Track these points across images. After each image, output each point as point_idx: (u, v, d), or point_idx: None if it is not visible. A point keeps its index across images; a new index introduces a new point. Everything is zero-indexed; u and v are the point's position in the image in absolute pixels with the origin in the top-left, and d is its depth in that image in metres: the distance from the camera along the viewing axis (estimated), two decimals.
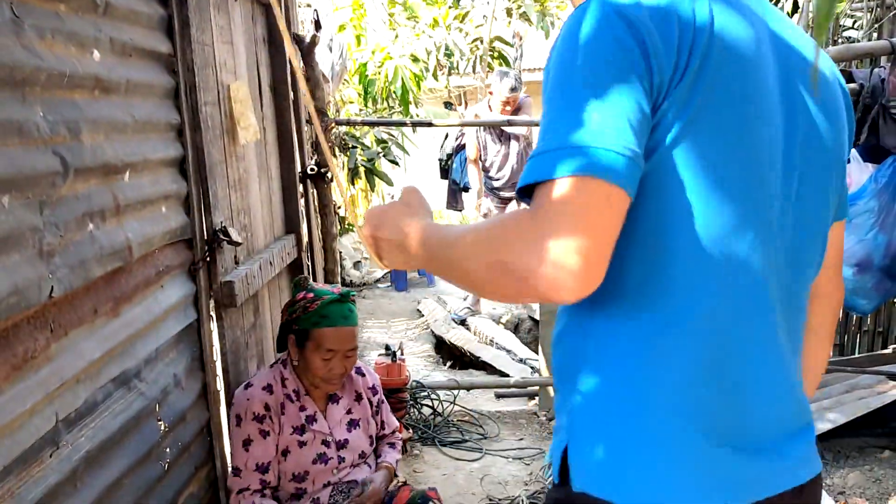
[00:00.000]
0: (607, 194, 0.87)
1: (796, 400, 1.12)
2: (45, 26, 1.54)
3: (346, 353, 2.33)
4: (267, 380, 2.36)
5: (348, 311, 2.35)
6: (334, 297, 2.34)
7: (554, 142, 0.90)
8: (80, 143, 1.63)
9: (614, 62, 0.91)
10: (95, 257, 1.66)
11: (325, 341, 2.29)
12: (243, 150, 2.60)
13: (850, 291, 2.97)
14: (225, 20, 2.49)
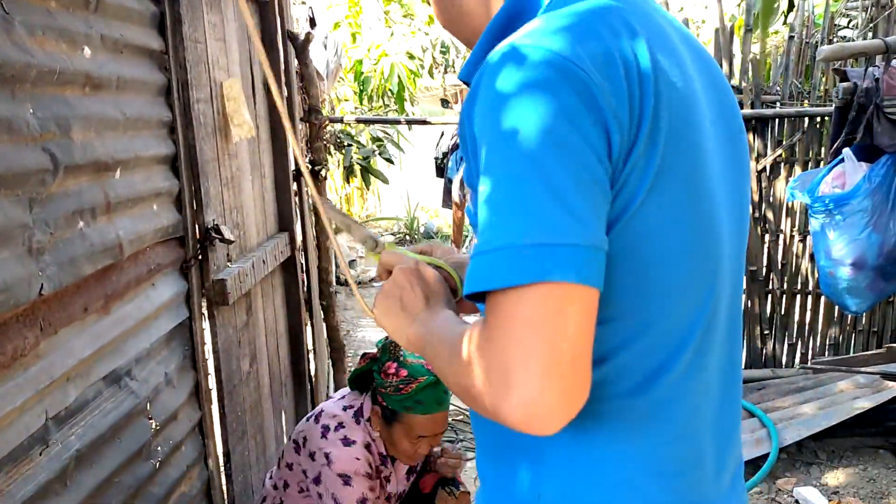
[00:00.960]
0: (570, 297, 0.73)
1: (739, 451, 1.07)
2: (35, 23, 1.53)
3: (435, 437, 2.23)
4: (365, 438, 2.24)
5: (443, 393, 2.18)
6: (431, 379, 2.15)
7: (498, 238, 0.76)
8: (70, 141, 1.62)
9: (563, 132, 0.76)
10: (86, 255, 1.65)
11: (418, 428, 2.16)
12: (236, 147, 2.59)
13: (843, 291, 2.98)
14: (217, 17, 2.48)
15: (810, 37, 3.78)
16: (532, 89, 0.76)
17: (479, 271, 0.76)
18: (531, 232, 0.73)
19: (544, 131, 0.75)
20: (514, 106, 0.76)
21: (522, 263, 0.73)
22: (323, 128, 3.51)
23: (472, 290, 0.78)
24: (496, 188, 0.76)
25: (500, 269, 0.74)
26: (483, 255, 0.76)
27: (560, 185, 0.74)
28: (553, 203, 0.74)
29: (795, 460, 3.49)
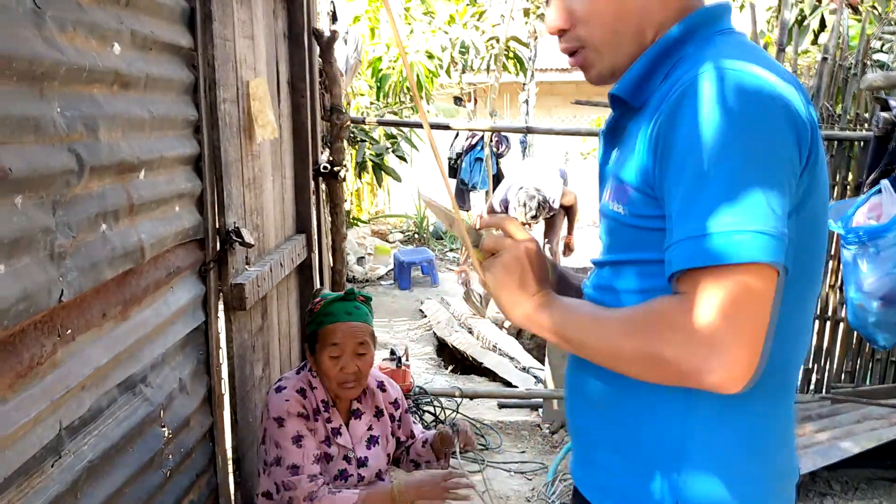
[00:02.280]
0: (769, 278, 0.90)
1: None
2: (66, 18, 1.48)
3: (355, 351, 2.27)
4: (300, 384, 2.31)
5: (353, 307, 2.32)
6: (338, 295, 2.32)
7: (709, 225, 0.90)
8: (96, 141, 1.57)
9: (776, 151, 0.93)
10: (107, 259, 1.60)
11: (330, 337, 2.26)
12: (259, 147, 2.54)
13: (872, 325, 2.91)
14: (247, 14, 2.42)
15: (844, 59, 3.72)
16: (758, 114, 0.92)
17: (697, 249, 0.90)
18: (749, 220, 0.89)
19: (767, 147, 0.92)
20: (742, 123, 0.91)
21: (740, 244, 0.88)
22: (344, 127, 3.46)
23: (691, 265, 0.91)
24: (714, 184, 0.91)
25: (720, 248, 0.89)
26: (698, 238, 0.90)
27: (774, 188, 0.91)
28: (768, 201, 0.90)
29: (809, 490, 3.43)
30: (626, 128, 1.14)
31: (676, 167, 0.95)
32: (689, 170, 0.93)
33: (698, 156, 0.92)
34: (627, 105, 1.11)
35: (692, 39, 1.07)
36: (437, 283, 7.07)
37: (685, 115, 0.94)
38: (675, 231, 0.94)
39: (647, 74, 1.08)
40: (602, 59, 1.14)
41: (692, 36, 1.07)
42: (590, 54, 1.14)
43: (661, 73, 1.07)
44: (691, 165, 0.93)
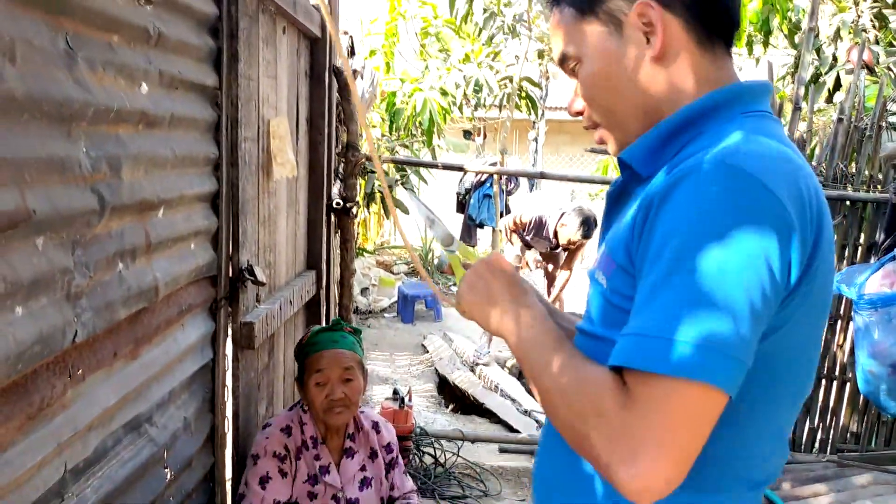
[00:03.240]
0: (715, 402, 0.85)
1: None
2: (97, 58, 1.49)
3: (341, 377, 2.27)
4: (286, 421, 2.30)
5: (339, 336, 2.34)
6: (324, 326, 2.36)
7: (668, 329, 0.85)
8: (119, 180, 1.57)
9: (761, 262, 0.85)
10: (122, 299, 1.59)
11: (315, 364, 2.27)
12: (275, 185, 2.54)
13: (883, 392, 2.88)
14: (272, 54, 2.44)
15: (859, 120, 3.73)
16: (746, 215, 0.85)
17: (638, 351, 0.86)
18: (711, 336, 0.82)
19: (747, 256, 0.84)
20: (724, 221, 0.85)
21: (695, 360, 0.82)
22: (358, 164, 3.46)
23: (628, 365, 0.87)
24: (683, 284, 0.85)
25: (662, 356, 0.83)
26: (646, 338, 0.86)
27: (744, 305, 0.84)
28: (734, 319, 0.83)
29: None
30: (630, 194, 1.11)
31: (653, 254, 0.89)
32: (664, 261, 0.87)
33: (678, 250, 0.86)
34: (634, 172, 1.08)
35: (716, 116, 1.01)
36: (440, 318, 7.05)
37: (676, 204, 0.89)
38: (633, 321, 0.89)
39: (660, 145, 1.04)
40: (613, 137, 1.13)
41: (717, 112, 1.01)
42: (602, 132, 1.15)
43: (675, 146, 1.03)
44: (667, 257, 0.87)
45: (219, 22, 2.06)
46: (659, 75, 1.04)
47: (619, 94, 1.07)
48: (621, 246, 0.99)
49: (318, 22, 2.92)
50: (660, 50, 1.03)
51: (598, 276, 1.06)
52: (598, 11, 1.06)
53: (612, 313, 1.01)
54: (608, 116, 1.11)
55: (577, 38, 1.09)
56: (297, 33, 2.77)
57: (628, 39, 1.05)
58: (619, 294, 1.00)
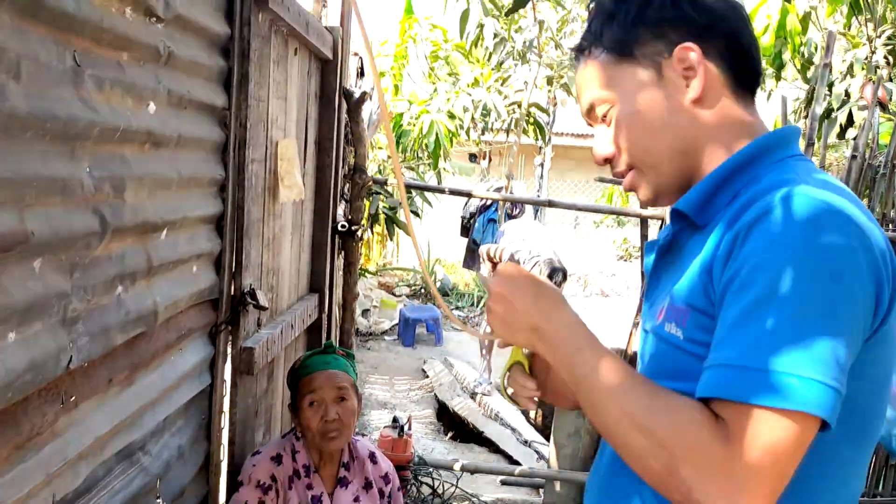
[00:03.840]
0: (813, 432, 0.85)
1: None
2: (105, 76, 1.45)
3: (335, 398, 2.21)
4: (277, 449, 2.23)
5: (331, 358, 2.30)
6: (316, 350, 2.33)
7: (762, 358, 0.84)
8: (122, 202, 1.53)
9: (853, 296, 0.87)
10: (119, 324, 1.55)
11: (308, 386, 2.22)
12: (281, 207, 2.50)
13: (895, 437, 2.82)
14: (282, 75, 2.41)
15: (873, 158, 3.70)
16: (839, 246, 0.86)
17: (737, 383, 0.85)
18: (808, 365, 0.83)
19: (841, 286, 0.85)
20: (818, 251, 0.86)
21: (795, 390, 0.82)
22: (365, 187, 3.43)
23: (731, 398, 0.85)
24: (775, 313, 0.85)
25: (772, 387, 0.83)
26: (749, 370, 0.85)
27: (841, 336, 0.85)
28: (829, 348, 0.84)
29: None
30: (683, 246, 1.10)
31: (739, 284, 0.89)
32: (754, 290, 0.87)
33: (768, 279, 0.86)
34: (689, 221, 1.07)
35: (764, 161, 1.03)
36: (440, 343, 6.98)
37: (764, 235, 0.89)
38: (719, 351, 0.88)
39: (714, 193, 1.04)
40: (646, 182, 1.12)
41: (764, 158, 1.04)
42: (635, 177, 1.13)
43: (729, 192, 1.03)
44: (757, 286, 0.86)
45: (230, 42, 2.03)
46: (697, 118, 1.06)
47: (657, 135, 1.07)
48: (697, 290, 0.97)
49: (329, 44, 2.90)
50: (700, 93, 1.04)
51: (669, 329, 1.02)
52: (636, 54, 1.07)
53: (688, 364, 0.97)
54: (643, 158, 1.10)
55: (613, 82, 1.09)
56: (309, 55, 2.75)
57: (668, 82, 1.06)
58: (699, 343, 0.96)
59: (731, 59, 1.06)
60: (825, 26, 4.39)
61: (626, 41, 1.07)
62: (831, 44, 3.26)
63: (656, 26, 1.06)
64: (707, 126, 1.06)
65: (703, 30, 1.05)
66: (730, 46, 1.05)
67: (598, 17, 1.12)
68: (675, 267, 1.09)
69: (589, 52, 1.12)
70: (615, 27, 1.08)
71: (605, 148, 1.13)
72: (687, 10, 1.05)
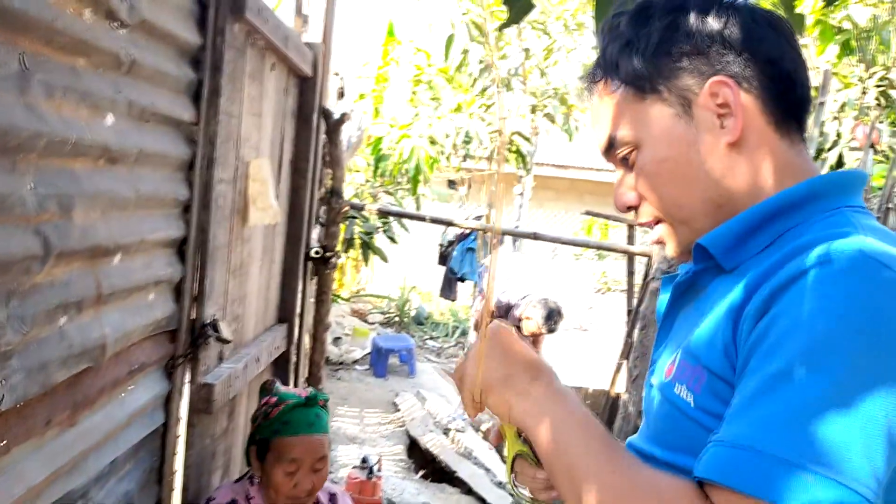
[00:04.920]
0: None
1: None
2: (56, 83, 1.31)
3: (313, 466, 2.03)
4: (232, 495, 2.05)
5: (315, 416, 2.07)
6: (299, 400, 2.06)
7: (780, 444, 0.69)
8: (69, 222, 1.37)
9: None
10: (61, 359, 1.38)
11: (287, 451, 1.99)
12: (250, 231, 2.34)
13: None
14: (257, 90, 2.26)
15: (867, 201, 3.63)
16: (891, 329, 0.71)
17: (752, 469, 0.70)
18: (837, 463, 0.67)
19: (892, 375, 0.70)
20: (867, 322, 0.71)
21: (816, 493, 0.67)
22: (342, 212, 3.28)
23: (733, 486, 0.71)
24: (803, 390, 0.70)
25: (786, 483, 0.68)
26: (760, 455, 0.70)
27: (881, 429, 0.69)
28: (866, 445, 0.68)
29: None
30: (704, 288, 0.94)
31: (766, 350, 0.74)
32: (780, 360, 0.72)
33: (803, 349, 0.71)
34: (715, 262, 0.91)
35: (814, 208, 0.87)
36: (413, 374, 6.78)
37: (797, 298, 0.74)
38: (732, 425, 0.74)
39: (747, 234, 0.88)
40: (677, 236, 0.96)
41: (815, 203, 0.87)
42: (664, 230, 0.97)
43: (766, 236, 0.87)
44: (788, 355, 0.72)
45: (201, 52, 1.88)
46: (736, 163, 0.89)
47: (689, 184, 0.91)
48: (716, 350, 0.82)
49: (309, 60, 2.76)
50: (739, 134, 0.88)
51: (678, 390, 0.87)
52: (662, 90, 0.91)
53: (699, 437, 0.81)
54: (674, 211, 0.94)
55: (636, 121, 0.93)
56: (287, 70, 2.61)
57: (700, 122, 0.90)
58: (712, 414, 0.81)
59: (774, 89, 0.90)
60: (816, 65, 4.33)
61: (648, 75, 0.91)
62: (827, 83, 3.18)
63: (684, 57, 0.90)
64: (747, 172, 0.89)
65: (738, 57, 0.89)
66: (771, 74, 0.89)
67: (613, 43, 0.95)
68: (693, 313, 0.94)
69: (604, 82, 0.96)
70: (635, 58, 0.92)
71: (626, 195, 0.98)
72: (718, 36, 0.89)
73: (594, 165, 13.52)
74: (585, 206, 6.27)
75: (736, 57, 0.89)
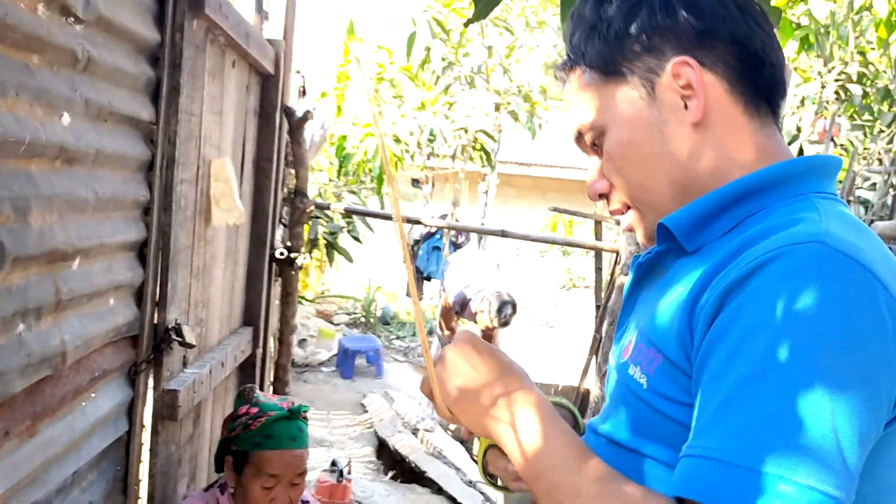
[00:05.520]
0: None
1: None
2: (9, 81, 1.26)
3: (292, 481, 1.98)
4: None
5: (297, 430, 2.01)
6: (282, 413, 2.00)
7: (754, 456, 0.68)
8: (25, 225, 1.32)
9: (874, 379, 0.70)
10: (19, 368, 1.33)
11: (267, 466, 1.94)
12: (213, 232, 2.29)
13: None
14: (217, 89, 2.21)
15: None
16: (859, 313, 0.70)
17: (731, 484, 0.68)
18: (812, 470, 0.67)
19: (859, 363, 0.69)
20: (833, 317, 0.70)
21: (795, 502, 0.66)
22: (307, 212, 3.23)
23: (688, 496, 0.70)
24: (774, 396, 0.69)
25: (764, 497, 0.67)
26: (736, 469, 0.68)
27: (853, 428, 0.68)
28: (839, 448, 0.67)
29: None
30: (667, 269, 0.93)
31: (728, 351, 0.72)
32: (747, 362, 0.70)
33: (766, 350, 0.69)
34: (677, 244, 0.90)
35: (780, 192, 0.85)
36: (381, 375, 6.74)
37: (763, 291, 0.72)
38: (702, 437, 0.72)
39: (710, 216, 0.87)
40: (644, 220, 0.95)
41: (781, 188, 0.86)
42: (633, 217, 0.97)
43: (729, 219, 0.86)
44: (751, 358, 0.70)
45: (160, 50, 1.83)
46: (701, 145, 0.88)
47: (654, 166, 0.90)
48: (671, 337, 0.80)
49: (271, 57, 2.71)
50: (701, 115, 0.87)
51: (632, 371, 0.86)
52: (625, 73, 0.90)
53: (651, 421, 0.82)
54: (640, 194, 0.93)
55: (601, 104, 0.92)
56: (249, 68, 2.56)
57: (663, 104, 0.89)
58: (665, 398, 0.80)
59: (741, 70, 0.88)
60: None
61: (611, 57, 0.90)
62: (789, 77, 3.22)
63: (646, 38, 0.89)
64: (715, 153, 0.88)
65: (701, 38, 0.87)
66: (738, 54, 0.88)
67: (579, 29, 0.95)
68: (654, 294, 0.93)
69: (572, 69, 0.96)
70: (598, 41, 0.91)
71: (597, 182, 0.97)
72: (681, 17, 0.88)
73: (557, 163, 13.61)
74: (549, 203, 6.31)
75: (699, 37, 0.88)
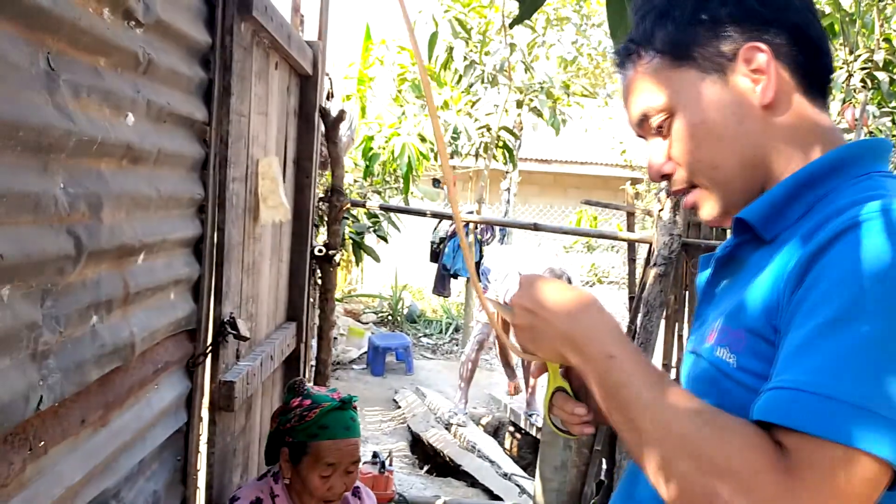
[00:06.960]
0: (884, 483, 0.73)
1: None
2: (81, 83, 1.31)
3: (347, 469, 2.05)
4: (256, 493, 2.06)
5: (350, 420, 2.09)
6: (335, 404, 2.07)
7: (839, 387, 0.72)
8: (98, 222, 1.38)
9: None
10: (94, 357, 1.39)
11: (325, 455, 2.01)
12: (261, 229, 2.35)
13: None
14: (263, 90, 2.27)
15: None
16: None
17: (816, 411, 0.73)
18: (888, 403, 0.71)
19: None
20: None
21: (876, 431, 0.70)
22: (343, 209, 3.29)
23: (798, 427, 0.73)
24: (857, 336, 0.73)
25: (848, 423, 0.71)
26: (822, 398, 0.72)
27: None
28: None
29: None
30: (745, 260, 0.98)
31: (812, 305, 0.77)
32: (831, 309, 0.75)
33: (849, 298, 0.74)
34: (754, 234, 0.94)
35: (845, 174, 0.91)
36: (411, 371, 6.80)
37: (842, 254, 0.77)
38: (787, 372, 0.76)
39: (785, 204, 0.92)
40: (713, 200, 0.99)
41: (846, 170, 0.91)
42: (699, 194, 1.01)
43: (801, 205, 0.91)
44: (835, 306, 0.75)
45: (211, 52, 1.89)
46: (770, 126, 0.94)
47: (725, 146, 0.94)
48: (758, 313, 0.84)
49: (310, 59, 2.77)
50: (771, 97, 0.92)
51: (719, 353, 0.89)
52: (696, 57, 0.95)
53: (738, 396, 0.84)
54: (711, 173, 0.97)
55: (672, 88, 0.97)
56: (289, 69, 2.61)
57: (734, 86, 0.94)
58: (752, 373, 0.84)
59: (802, 56, 0.94)
60: None
61: (683, 43, 0.95)
62: None
63: (717, 24, 0.94)
64: (780, 134, 0.94)
65: (768, 25, 0.93)
66: (798, 41, 0.94)
67: (649, 15, 0.99)
68: (734, 284, 0.97)
69: (638, 55, 1.00)
70: (670, 26, 0.96)
71: (661, 163, 1.01)
72: (750, 4, 0.93)
73: (577, 159, 13.60)
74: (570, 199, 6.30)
75: (767, 24, 0.93)
